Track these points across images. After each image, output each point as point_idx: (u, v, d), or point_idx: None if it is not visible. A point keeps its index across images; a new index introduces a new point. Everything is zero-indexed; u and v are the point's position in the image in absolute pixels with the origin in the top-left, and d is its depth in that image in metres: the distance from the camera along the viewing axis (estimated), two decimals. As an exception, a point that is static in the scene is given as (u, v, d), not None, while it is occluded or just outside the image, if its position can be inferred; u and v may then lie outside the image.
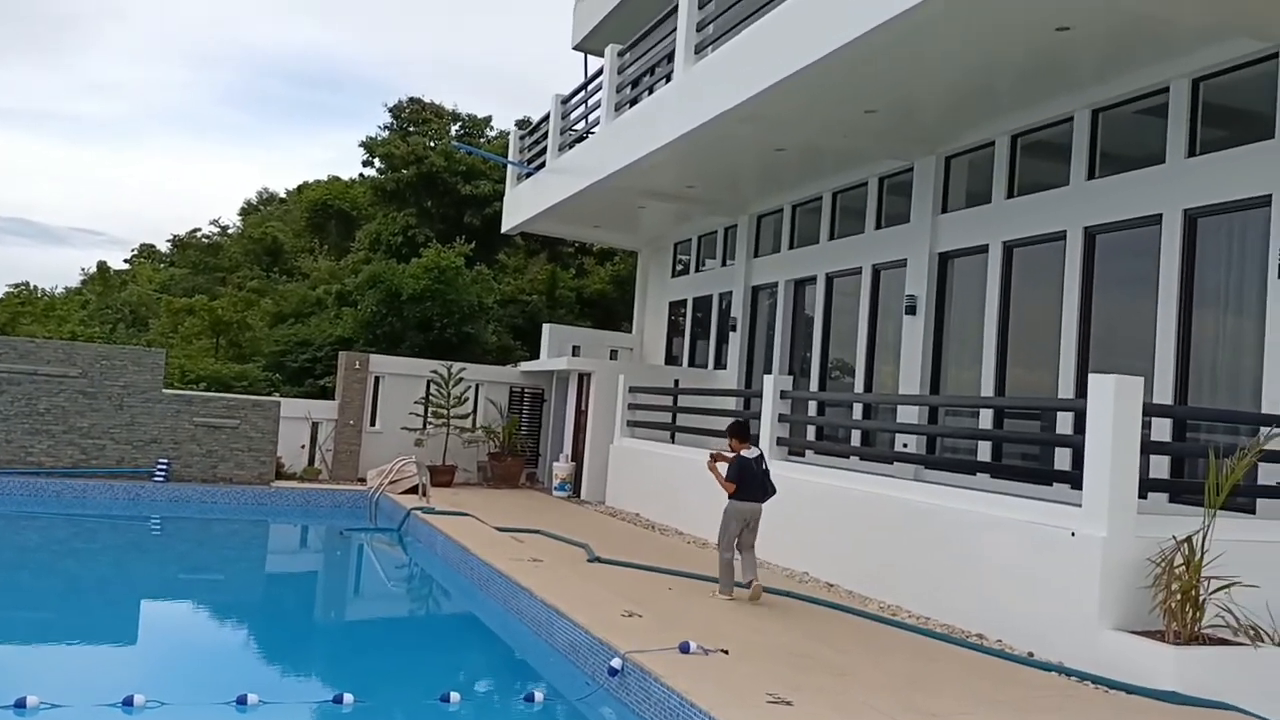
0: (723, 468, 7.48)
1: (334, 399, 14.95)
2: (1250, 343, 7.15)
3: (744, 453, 7.43)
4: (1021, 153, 9.57)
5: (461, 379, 15.00)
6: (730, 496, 7.38)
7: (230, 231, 38.14)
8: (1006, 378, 9.48)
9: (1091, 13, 6.95)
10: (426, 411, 14.95)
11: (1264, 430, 6.29)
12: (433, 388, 14.98)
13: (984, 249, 9.73)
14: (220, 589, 9.44)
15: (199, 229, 38.82)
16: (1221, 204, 7.36)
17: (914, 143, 10.41)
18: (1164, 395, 7.62)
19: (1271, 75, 7.03)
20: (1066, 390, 8.55)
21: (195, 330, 25.83)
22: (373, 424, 14.91)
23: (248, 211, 40.23)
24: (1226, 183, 7.30)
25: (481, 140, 26.99)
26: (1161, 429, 7.49)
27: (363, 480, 13.88)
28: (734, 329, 14.34)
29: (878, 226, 11.54)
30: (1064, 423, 8.15)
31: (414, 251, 22.52)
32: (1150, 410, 6.70)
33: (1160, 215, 7.81)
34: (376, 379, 15.03)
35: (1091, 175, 8.63)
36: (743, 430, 7.63)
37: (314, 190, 30.11)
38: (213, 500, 12.57)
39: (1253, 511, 6.72)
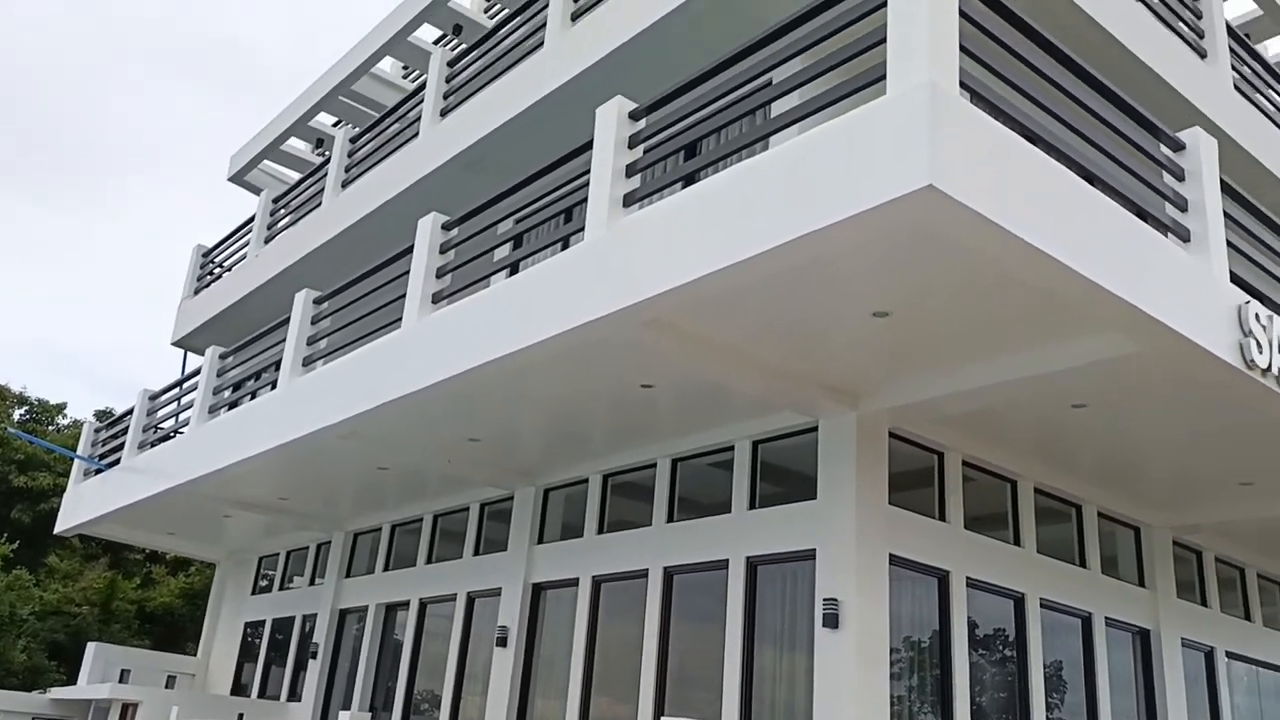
0: None
1: None
2: (802, 682, 7.73)
3: None
4: (612, 492, 10.18)
5: (-33, 708, 12.37)
6: None
7: None
8: (591, 710, 9.44)
9: (669, 376, 7.80)
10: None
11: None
12: (-76, 719, 12.20)
13: (575, 582, 9.97)
14: None
15: None
16: (776, 554, 8.17)
17: (515, 473, 10.75)
18: (732, 735, 7.92)
19: (813, 444, 8.15)
20: (646, 726, 8.65)
21: None
22: None
23: None
24: (780, 536, 8.16)
25: (50, 429, 24.32)
26: (730, 771, 7.71)
27: None
28: (314, 656, 13.27)
29: (476, 553, 11.53)
30: (643, 764, 8.17)
31: (-63, 548, 19.08)
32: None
33: (727, 560, 8.50)
34: None
35: (671, 518, 9.31)
36: None
37: None
38: None
39: None
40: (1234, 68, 10.18)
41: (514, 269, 8.09)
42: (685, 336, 6.78)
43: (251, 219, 15.77)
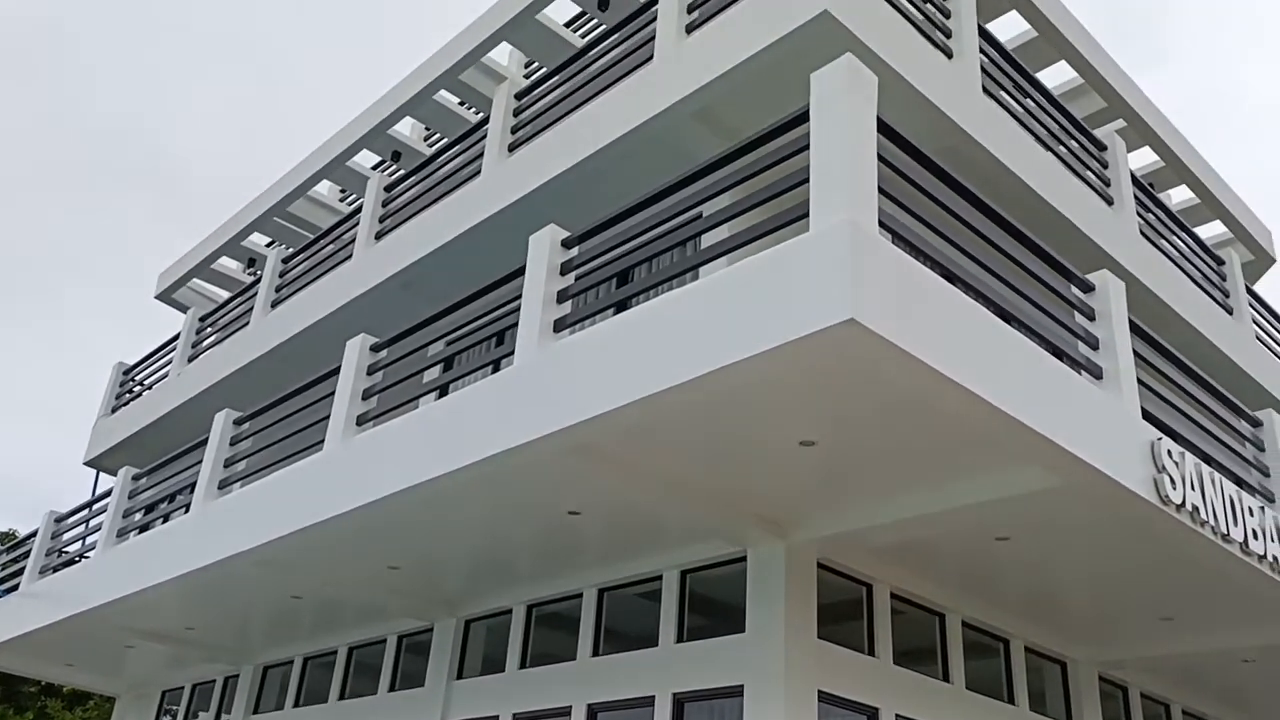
0: None
1: None
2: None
3: None
4: (536, 623, 9.88)
5: None
6: None
7: None
8: None
9: (597, 503, 7.71)
10: None
11: None
12: None
13: (495, 720, 9.57)
14: None
15: None
16: (704, 690, 7.95)
17: (436, 603, 10.40)
18: None
19: (743, 575, 8.05)
20: None
21: None
22: None
23: None
24: (707, 671, 7.95)
25: (-54, 550, 23.06)
26: None
27: None
28: (215, 799, 12.45)
29: (392, 688, 11.02)
30: None
31: None
32: None
33: (653, 697, 8.24)
34: None
35: (596, 652, 9.04)
36: None
37: None
38: None
39: None
40: (1139, 214, 10.76)
41: (443, 391, 8.02)
42: (613, 463, 6.73)
43: (176, 337, 15.50)
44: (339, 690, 11.68)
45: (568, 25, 13.59)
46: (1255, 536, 7.33)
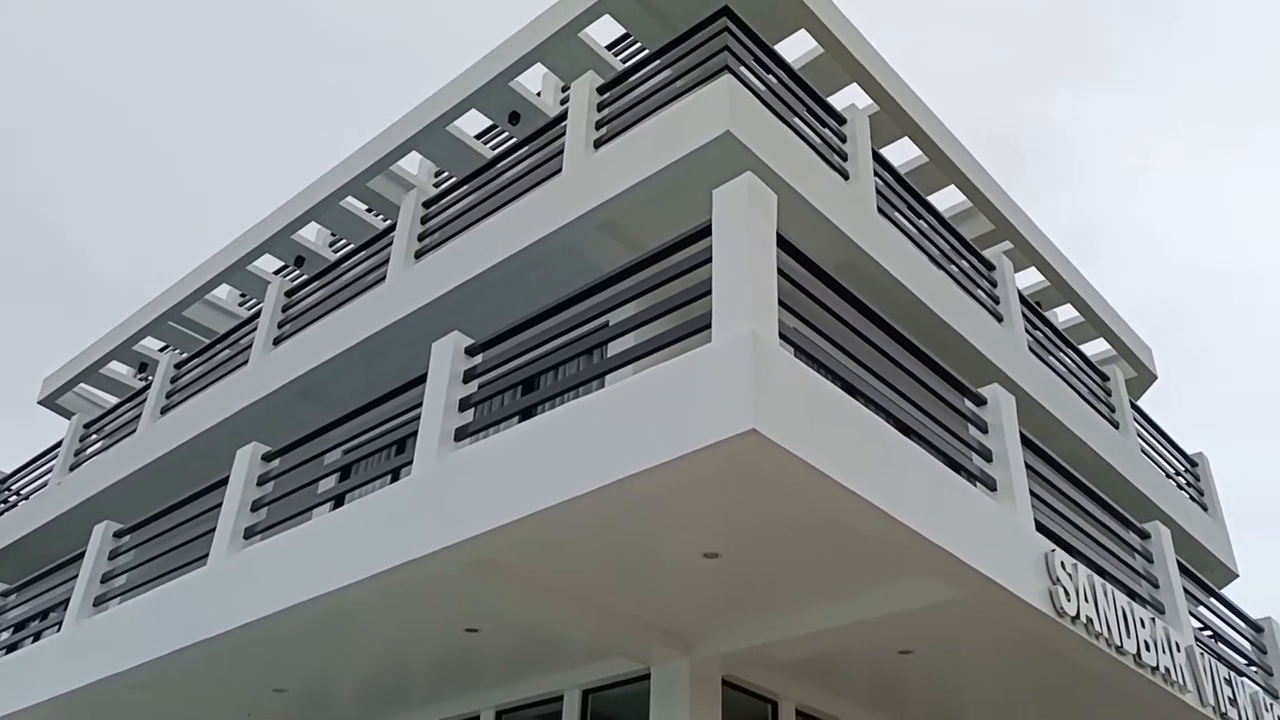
0: None
1: None
2: None
3: None
4: (430, 748, 9.42)
5: None
6: None
7: None
8: None
9: (496, 619, 7.45)
10: None
11: None
12: None
13: None
14: None
15: None
16: (606, 816, 7.64)
17: (323, 729, 9.87)
18: None
19: (646, 693, 7.82)
20: None
21: None
22: None
23: None
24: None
25: None
26: None
27: None
28: None
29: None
30: None
31: None
32: None
33: (553, 825, 7.88)
34: None
35: (494, 778, 8.64)
36: None
37: None
38: None
39: None
40: (1028, 331, 11.21)
41: (339, 502, 7.75)
42: (514, 577, 6.54)
43: (58, 444, 14.78)
44: (215, 825, 10.87)
45: (478, 137, 13.79)
46: (1147, 648, 7.45)
